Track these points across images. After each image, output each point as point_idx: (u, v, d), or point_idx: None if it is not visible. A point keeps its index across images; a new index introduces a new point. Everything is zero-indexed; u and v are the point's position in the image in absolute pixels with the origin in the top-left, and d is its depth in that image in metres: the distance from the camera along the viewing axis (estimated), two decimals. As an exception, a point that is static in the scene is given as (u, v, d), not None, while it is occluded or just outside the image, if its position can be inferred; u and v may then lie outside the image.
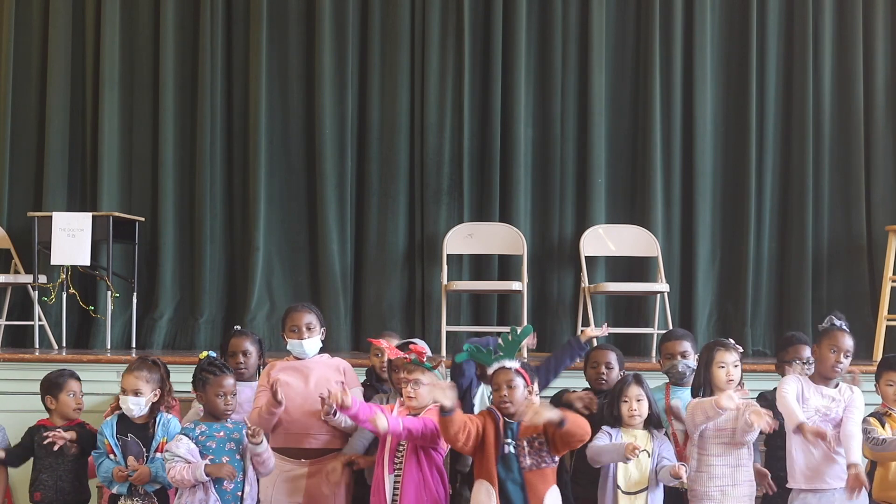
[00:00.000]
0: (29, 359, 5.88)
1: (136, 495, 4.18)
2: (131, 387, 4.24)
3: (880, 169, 7.21)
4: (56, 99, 7.07)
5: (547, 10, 7.21)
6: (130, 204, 7.12)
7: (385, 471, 4.12)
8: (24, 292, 6.82)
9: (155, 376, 4.27)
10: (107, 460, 4.24)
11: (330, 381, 4.54)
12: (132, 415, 4.25)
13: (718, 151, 7.23)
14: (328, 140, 7.07)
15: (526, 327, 4.25)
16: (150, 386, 4.24)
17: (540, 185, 7.19)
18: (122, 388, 4.26)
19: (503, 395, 3.99)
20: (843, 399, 4.23)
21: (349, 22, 7.14)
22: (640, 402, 4.20)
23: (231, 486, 4.08)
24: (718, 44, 7.26)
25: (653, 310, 6.84)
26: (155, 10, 7.16)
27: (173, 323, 7.06)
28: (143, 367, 4.26)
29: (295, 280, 7.16)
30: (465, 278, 7.03)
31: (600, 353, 4.74)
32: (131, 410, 4.24)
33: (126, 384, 4.25)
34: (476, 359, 4.14)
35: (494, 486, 3.93)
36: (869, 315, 6.92)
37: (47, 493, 4.57)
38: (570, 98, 7.21)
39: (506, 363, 4.06)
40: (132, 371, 4.26)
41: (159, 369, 4.31)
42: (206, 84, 7.08)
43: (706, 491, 4.19)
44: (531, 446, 3.96)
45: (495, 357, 4.09)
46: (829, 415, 4.20)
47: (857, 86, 7.18)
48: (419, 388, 4.15)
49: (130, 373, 4.26)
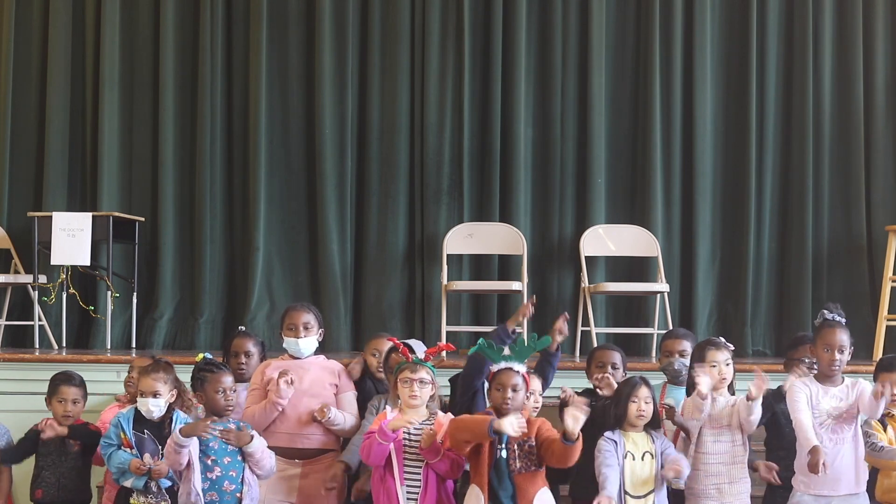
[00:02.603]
0: (29, 359, 5.88)
1: (150, 492, 4.17)
2: (150, 389, 4.22)
3: (880, 169, 7.21)
4: (56, 99, 7.07)
5: (547, 10, 7.21)
6: (130, 204, 7.12)
7: (397, 482, 4.08)
8: (24, 292, 6.82)
9: (171, 376, 4.27)
10: (121, 451, 4.21)
11: (324, 383, 4.55)
12: (152, 416, 4.23)
13: (718, 151, 7.23)
14: (328, 140, 7.07)
15: (545, 338, 4.23)
16: (168, 387, 4.24)
17: (540, 185, 7.20)
18: (141, 391, 4.24)
19: (507, 396, 3.98)
20: (850, 398, 4.21)
21: (349, 22, 7.14)
22: (648, 403, 4.19)
23: (232, 488, 4.08)
24: (718, 44, 7.26)
25: (653, 310, 6.84)
26: (155, 10, 7.16)
27: (173, 323, 7.06)
28: (159, 369, 4.25)
29: (295, 280, 7.16)
30: (465, 278, 7.04)
31: (606, 354, 4.71)
32: (151, 412, 4.22)
33: (144, 386, 4.23)
34: (485, 354, 4.13)
35: (484, 491, 3.93)
36: (869, 315, 6.92)
37: (49, 490, 4.58)
38: (570, 98, 7.21)
39: (514, 365, 4.05)
40: (149, 374, 4.24)
41: (173, 369, 4.30)
42: (206, 84, 7.08)
43: (703, 489, 4.19)
44: (521, 449, 3.96)
45: (504, 356, 4.08)
46: (840, 416, 4.19)
47: (857, 86, 7.18)
48: (424, 387, 4.14)
49: (147, 375, 4.24)
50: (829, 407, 4.19)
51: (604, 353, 4.73)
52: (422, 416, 4.15)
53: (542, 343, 4.20)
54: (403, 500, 4.06)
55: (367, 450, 4.07)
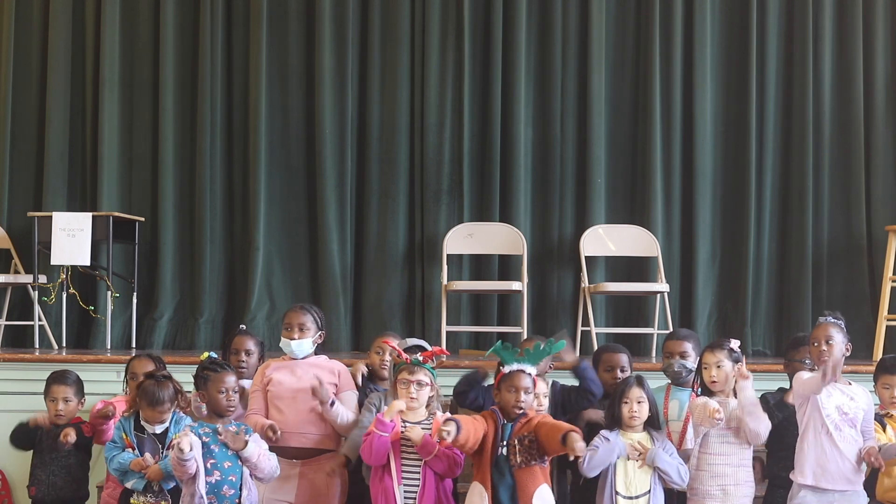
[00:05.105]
0: (29, 359, 5.87)
1: (150, 492, 4.18)
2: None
3: (880, 169, 7.21)
4: (56, 99, 7.07)
5: (547, 10, 7.21)
6: (130, 204, 7.12)
7: (395, 482, 4.09)
8: (24, 292, 6.82)
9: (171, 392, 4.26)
10: (126, 453, 4.22)
11: (323, 383, 4.53)
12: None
13: (718, 151, 7.23)
14: (328, 140, 7.07)
15: (559, 343, 4.23)
16: (169, 404, 4.25)
17: (540, 185, 7.20)
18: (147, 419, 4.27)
19: (520, 398, 4.00)
20: (861, 402, 4.22)
21: (349, 22, 7.14)
22: (641, 403, 4.19)
23: (231, 493, 4.08)
24: (718, 44, 7.27)
25: (653, 310, 6.84)
26: (155, 10, 7.16)
27: (173, 323, 7.06)
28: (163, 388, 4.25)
29: (295, 280, 7.16)
30: (465, 278, 7.04)
31: (614, 357, 4.69)
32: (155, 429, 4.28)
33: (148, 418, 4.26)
34: (499, 355, 4.14)
35: (488, 489, 3.94)
36: (869, 315, 6.92)
37: (41, 487, 4.60)
38: (570, 98, 7.21)
39: (527, 368, 4.06)
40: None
41: (170, 384, 4.27)
42: (206, 84, 7.08)
43: (707, 490, 4.19)
44: (521, 444, 3.96)
45: (517, 358, 4.09)
46: (847, 414, 4.20)
47: (857, 86, 7.18)
48: (422, 389, 4.15)
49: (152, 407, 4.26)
50: (840, 402, 4.20)
51: (611, 357, 4.70)
52: (420, 417, 4.16)
53: (557, 347, 4.20)
54: (401, 499, 4.06)
55: (368, 448, 4.07)
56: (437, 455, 4.06)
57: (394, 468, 4.09)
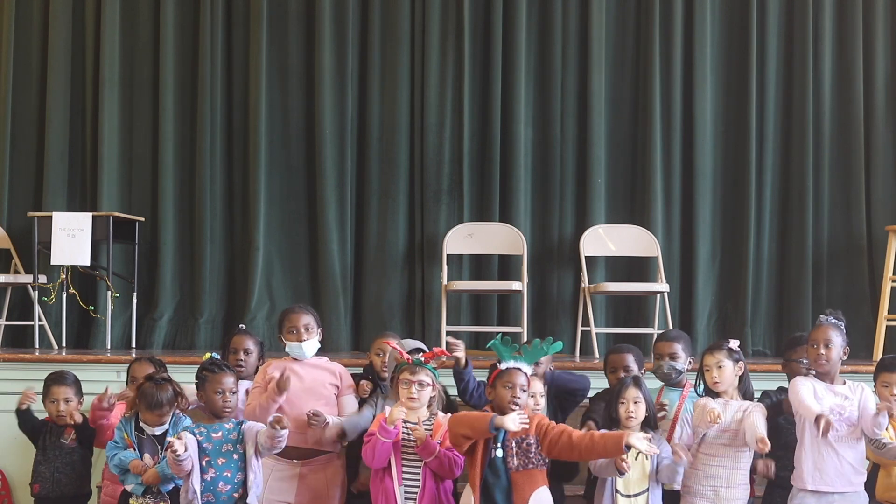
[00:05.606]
0: (29, 359, 5.88)
1: (150, 493, 4.19)
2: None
3: (880, 169, 7.21)
4: (56, 99, 7.07)
5: (547, 10, 7.21)
6: (130, 204, 7.12)
7: (395, 482, 4.09)
8: (24, 292, 6.82)
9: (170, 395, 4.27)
10: (127, 451, 4.24)
11: (324, 383, 4.56)
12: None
13: (718, 151, 7.23)
14: (328, 140, 7.07)
15: (557, 343, 4.22)
16: (168, 407, 4.26)
17: (540, 185, 7.20)
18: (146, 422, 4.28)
19: (516, 394, 3.99)
20: (855, 398, 4.22)
21: (349, 22, 7.14)
22: (637, 404, 4.18)
23: (227, 489, 4.09)
24: (718, 44, 7.26)
25: (653, 310, 6.84)
26: (155, 10, 7.16)
27: (173, 323, 7.06)
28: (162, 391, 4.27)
29: (295, 280, 7.16)
30: (465, 278, 7.04)
31: (619, 358, 4.67)
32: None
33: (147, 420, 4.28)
34: (496, 350, 4.13)
35: (475, 490, 3.92)
36: (869, 315, 6.92)
37: (45, 484, 4.64)
38: (570, 98, 7.21)
39: (522, 366, 4.06)
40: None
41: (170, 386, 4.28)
42: (206, 84, 7.08)
43: (700, 489, 4.18)
44: (519, 447, 3.96)
45: (514, 357, 4.08)
46: (842, 414, 4.19)
47: (857, 86, 7.18)
48: (423, 389, 4.15)
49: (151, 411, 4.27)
50: (833, 403, 4.19)
51: (614, 358, 4.70)
52: (422, 417, 4.16)
53: (554, 348, 4.19)
54: (401, 500, 4.06)
55: (370, 451, 4.07)
56: (437, 456, 4.06)
57: (394, 469, 4.09)
